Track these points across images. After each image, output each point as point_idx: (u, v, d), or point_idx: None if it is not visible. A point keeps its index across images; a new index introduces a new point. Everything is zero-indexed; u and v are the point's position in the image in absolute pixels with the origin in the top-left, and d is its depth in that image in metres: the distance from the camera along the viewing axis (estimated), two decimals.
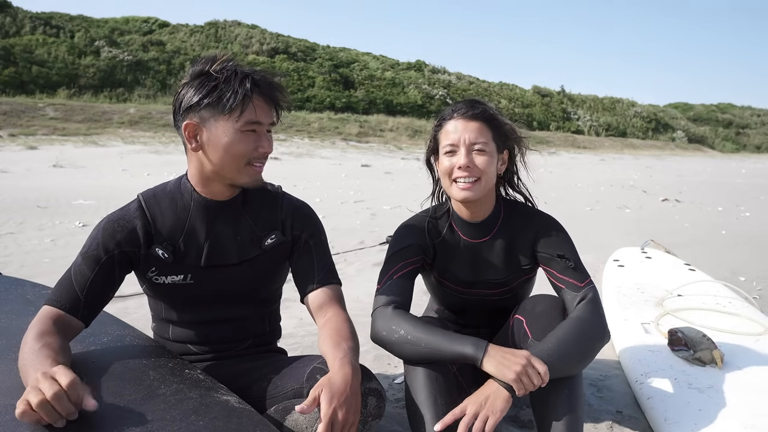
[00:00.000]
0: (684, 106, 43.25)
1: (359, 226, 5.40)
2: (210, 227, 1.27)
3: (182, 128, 1.20)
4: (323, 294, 1.30)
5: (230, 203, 1.29)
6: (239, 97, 1.15)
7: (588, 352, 1.27)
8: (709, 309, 2.29)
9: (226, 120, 1.17)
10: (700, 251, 4.51)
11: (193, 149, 1.21)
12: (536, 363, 1.16)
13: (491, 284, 1.50)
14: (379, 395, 1.14)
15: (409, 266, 1.42)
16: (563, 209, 6.91)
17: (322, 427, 0.97)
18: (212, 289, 1.30)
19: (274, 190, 1.37)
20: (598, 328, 1.30)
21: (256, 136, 1.20)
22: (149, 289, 1.32)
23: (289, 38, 28.61)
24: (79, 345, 1.20)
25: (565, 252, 1.40)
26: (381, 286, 1.39)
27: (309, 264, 1.33)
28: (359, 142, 19.39)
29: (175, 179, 1.32)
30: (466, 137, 1.35)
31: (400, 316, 1.30)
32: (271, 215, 1.33)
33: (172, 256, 1.25)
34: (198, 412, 0.97)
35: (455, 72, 33.05)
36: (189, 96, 1.18)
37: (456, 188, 1.37)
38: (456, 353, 1.22)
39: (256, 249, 1.31)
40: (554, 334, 1.26)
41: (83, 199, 6.37)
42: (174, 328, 1.35)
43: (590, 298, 1.34)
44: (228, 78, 1.16)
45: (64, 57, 20.04)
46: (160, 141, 15.07)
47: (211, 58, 1.20)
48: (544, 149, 24.27)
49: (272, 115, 1.23)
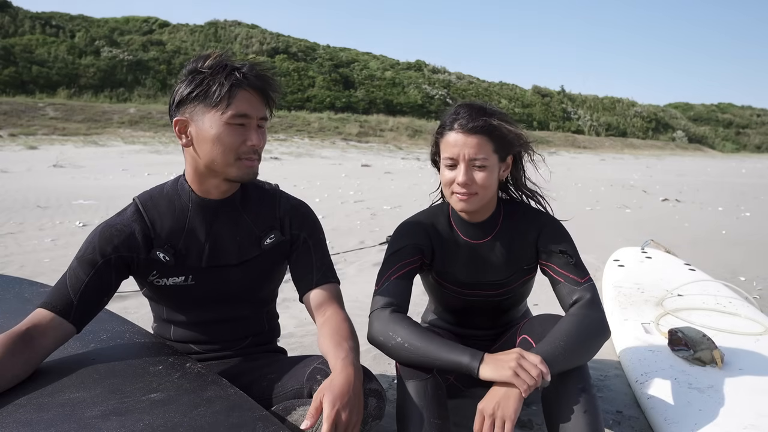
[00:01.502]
0: (684, 106, 43.27)
1: (359, 226, 5.40)
2: (209, 228, 1.27)
3: (173, 124, 1.20)
4: (322, 293, 1.30)
5: (228, 202, 1.28)
6: (225, 88, 1.13)
7: (589, 348, 1.27)
8: (709, 309, 2.29)
9: (213, 113, 1.15)
10: (700, 251, 4.51)
11: (185, 145, 1.20)
12: (529, 356, 1.16)
13: (491, 285, 1.50)
14: (380, 396, 1.14)
15: (406, 267, 1.41)
16: (563, 209, 6.90)
17: (325, 428, 0.97)
18: (213, 290, 1.30)
19: (271, 189, 1.36)
20: (599, 324, 1.30)
21: (244, 130, 1.18)
22: (150, 291, 1.32)
23: (289, 38, 28.62)
24: (79, 342, 1.20)
25: (567, 249, 1.40)
26: (379, 288, 1.39)
27: (308, 263, 1.33)
28: (359, 142, 19.40)
29: (171, 180, 1.31)
30: (465, 153, 1.33)
31: (397, 320, 1.29)
32: (269, 214, 1.32)
33: (174, 258, 1.24)
34: (200, 406, 0.97)
35: (455, 72, 33.06)
36: (180, 92, 1.18)
37: (455, 199, 1.37)
38: (452, 363, 1.21)
39: (256, 249, 1.31)
40: (556, 330, 1.26)
41: (83, 199, 6.37)
42: (175, 328, 1.35)
43: (590, 295, 1.34)
44: (215, 71, 1.15)
45: (64, 57, 20.05)
46: (160, 141, 15.07)
47: (204, 55, 1.19)
48: (544, 149, 24.28)
49: (263, 108, 1.20)
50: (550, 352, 1.19)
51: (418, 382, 1.25)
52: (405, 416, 1.25)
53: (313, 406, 1.00)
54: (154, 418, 0.92)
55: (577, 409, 1.20)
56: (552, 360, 1.17)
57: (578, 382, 1.23)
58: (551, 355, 1.18)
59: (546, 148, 24.45)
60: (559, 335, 1.24)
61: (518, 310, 1.64)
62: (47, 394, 1.01)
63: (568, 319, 1.29)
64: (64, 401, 0.97)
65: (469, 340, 1.60)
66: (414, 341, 1.24)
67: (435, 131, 1.43)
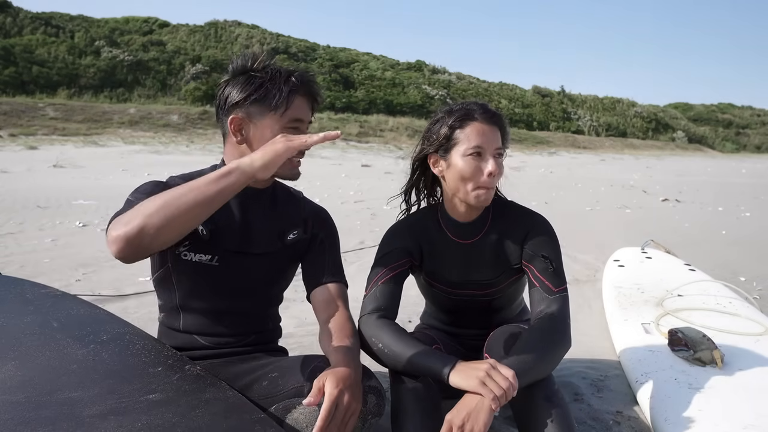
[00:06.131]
0: (684, 106, 43.29)
1: (359, 226, 5.40)
2: (244, 213, 1.32)
3: (228, 122, 1.24)
4: (330, 291, 1.35)
5: (263, 194, 1.35)
6: (284, 94, 1.21)
7: (551, 361, 1.26)
8: (709, 309, 2.29)
9: (271, 116, 1.22)
10: (700, 251, 4.51)
11: (238, 142, 1.25)
12: (501, 368, 1.14)
13: (480, 285, 1.49)
14: (379, 393, 1.15)
15: (395, 270, 1.42)
16: (563, 209, 6.91)
17: (326, 405, 0.98)
18: (231, 276, 1.32)
19: (296, 193, 1.45)
20: (562, 337, 1.29)
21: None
22: (173, 267, 1.31)
23: (289, 38, 28.65)
24: (78, 343, 1.20)
25: (549, 254, 1.39)
26: (368, 293, 1.40)
27: (321, 260, 1.40)
28: (359, 142, 19.42)
29: (207, 168, 1.36)
30: (492, 143, 1.33)
31: (381, 326, 1.30)
32: (294, 213, 1.40)
33: (209, 234, 1.28)
34: (198, 408, 0.97)
35: (455, 72, 33.09)
36: (234, 93, 1.23)
37: (476, 194, 1.34)
38: (427, 369, 1.21)
39: (278, 243, 1.36)
40: (521, 344, 1.26)
41: (83, 199, 6.37)
42: (185, 316, 1.36)
43: (557, 307, 1.32)
44: (273, 77, 1.23)
45: (64, 57, 20.07)
46: (160, 141, 15.08)
47: (251, 56, 1.26)
48: (544, 149, 24.30)
49: (310, 113, 1.29)
50: (518, 367, 1.17)
51: (409, 383, 1.26)
52: (399, 417, 1.25)
53: (315, 387, 1.02)
54: (152, 419, 0.92)
55: (548, 419, 1.19)
56: (521, 374, 1.16)
57: (545, 390, 1.23)
58: (520, 370, 1.17)
59: (546, 148, 24.46)
60: (524, 349, 1.23)
61: (512, 309, 1.63)
62: (46, 393, 1.01)
63: (532, 331, 1.29)
64: (63, 400, 0.97)
65: (464, 339, 1.61)
66: (394, 347, 1.26)
67: (447, 124, 1.36)
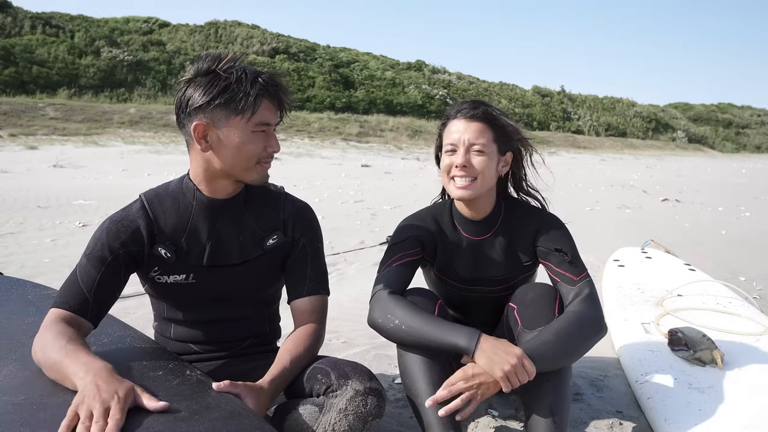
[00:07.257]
0: (684, 106, 43.23)
1: (359, 226, 5.40)
2: (212, 226, 1.28)
3: (191, 128, 1.19)
4: (308, 304, 1.33)
5: (232, 202, 1.29)
6: (251, 98, 1.16)
7: (583, 346, 1.30)
8: (709, 309, 2.29)
9: (237, 121, 1.18)
10: (700, 251, 4.50)
11: (203, 150, 1.20)
12: (527, 362, 1.19)
13: (492, 281, 1.52)
14: (379, 395, 1.14)
15: (407, 257, 1.44)
16: (563, 209, 6.90)
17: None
18: (214, 289, 1.30)
19: (276, 190, 1.38)
20: (596, 322, 1.32)
21: (266, 136, 1.22)
22: (151, 289, 1.32)
23: (289, 38, 28.60)
24: None
25: (563, 246, 1.42)
26: (380, 274, 1.42)
27: (302, 271, 1.35)
28: (359, 142, 19.39)
29: (177, 179, 1.32)
30: (465, 138, 1.38)
31: (395, 302, 1.32)
32: (272, 215, 1.34)
33: (175, 255, 1.25)
34: (198, 412, 0.97)
35: (455, 72, 33.05)
36: (197, 95, 1.17)
37: (453, 186, 1.41)
38: (448, 344, 1.24)
39: (258, 249, 1.32)
40: (551, 327, 1.28)
41: (83, 199, 6.37)
42: (176, 327, 1.35)
43: (587, 292, 1.36)
44: (239, 78, 1.17)
45: (65, 57, 20.04)
46: (160, 141, 15.07)
47: (216, 56, 1.19)
48: (544, 149, 24.28)
49: (278, 115, 1.25)
50: (541, 353, 1.22)
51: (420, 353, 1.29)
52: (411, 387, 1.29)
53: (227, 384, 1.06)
54: (152, 423, 0.92)
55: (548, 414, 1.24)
56: (543, 360, 1.21)
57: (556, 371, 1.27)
58: (541, 355, 1.21)
59: (546, 148, 24.44)
60: (554, 334, 1.26)
61: None
62: (47, 395, 1.01)
63: (565, 317, 1.31)
64: (63, 402, 0.96)
65: None
66: (411, 322, 1.27)
67: (439, 125, 1.48)
